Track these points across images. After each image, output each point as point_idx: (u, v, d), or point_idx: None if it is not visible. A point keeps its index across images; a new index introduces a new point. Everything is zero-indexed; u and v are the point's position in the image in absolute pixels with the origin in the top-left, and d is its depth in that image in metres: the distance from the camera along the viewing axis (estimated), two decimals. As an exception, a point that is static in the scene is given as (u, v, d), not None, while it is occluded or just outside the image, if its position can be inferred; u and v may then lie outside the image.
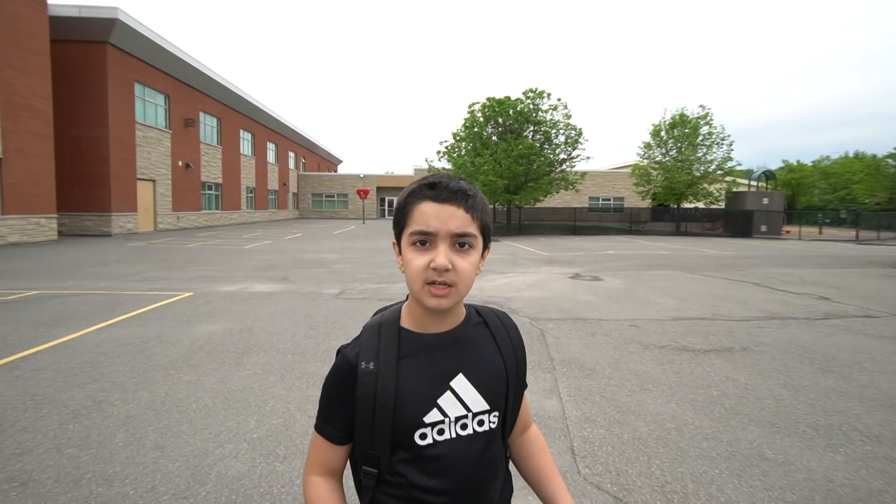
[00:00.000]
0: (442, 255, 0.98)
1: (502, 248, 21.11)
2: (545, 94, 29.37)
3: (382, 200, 59.64)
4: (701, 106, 33.56)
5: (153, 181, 26.87)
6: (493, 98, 29.71)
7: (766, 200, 33.65)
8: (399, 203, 1.06)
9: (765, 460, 3.36)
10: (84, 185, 22.45)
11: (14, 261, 13.31)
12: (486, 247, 1.08)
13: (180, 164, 29.48)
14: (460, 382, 1.07)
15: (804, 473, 3.20)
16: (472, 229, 1.02)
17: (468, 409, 1.07)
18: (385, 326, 1.10)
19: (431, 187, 1.02)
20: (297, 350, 5.71)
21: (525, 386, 1.21)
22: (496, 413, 1.10)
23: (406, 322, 1.10)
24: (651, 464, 3.30)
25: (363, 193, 45.66)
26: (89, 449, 3.36)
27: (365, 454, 1.06)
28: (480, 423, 1.08)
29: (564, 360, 5.53)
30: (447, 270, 0.98)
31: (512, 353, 1.15)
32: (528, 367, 5.29)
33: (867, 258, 18.27)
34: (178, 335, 6.24)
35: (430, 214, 1.00)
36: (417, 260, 1.00)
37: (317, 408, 1.12)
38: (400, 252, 1.06)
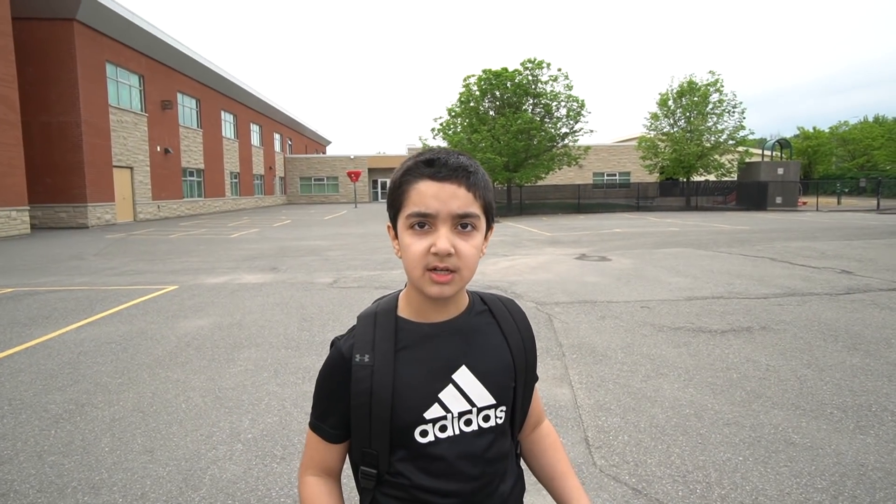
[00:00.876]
0: (443, 238, 0.94)
1: (503, 229, 21.07)
2: (545, 65, 29.13)
3: (375, 182, 59.44)
4: (711, 72, 33.38)
5: (130, 168, 26.70)
6: (490, 70, 29.45)
7: (780, 171, 33.57)
8: (393, 182, 1.01)
9: (791, 445, 3.35)
10: (56, 174, 22.29)
11: (-14, 257, 13.23)
12: (489, 227, 1.04)
13: (159, 149, 29.29)
14: (463, 375, 1.03)
15: (833, 458, 3.20)
16: (475, 209, 0.97)
17: (472, 404, 1.03)
18: (381, 316, 1.06)
19: (429, 164, 0.97)
20: (290, 344, 5.69)
21: (536, 378, 1.18)
22: (503, 408, 1.06)
23: (404, 311, 1.06)
24: (671, 452, 3.29)
25: (354, 176, 45.48)
26: (73, 455, 3.34)
27: (362, 453, 1.03)
28: (486, 418, 1.04)
29: (574, 345, 5.52)
30: (449, 255, 0.94)
31: (520, 343, 1.11)
32: (538, 352, 5.27)
33: (890, 228, 18.27)
34: (164, 331, 6.21)
35: (428, 194, 0.95)
36: (416, 244, 0.96)
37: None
38: (396, 236, 1.02)
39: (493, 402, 1.05)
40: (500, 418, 1.06)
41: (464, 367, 1.03)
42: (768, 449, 3.32)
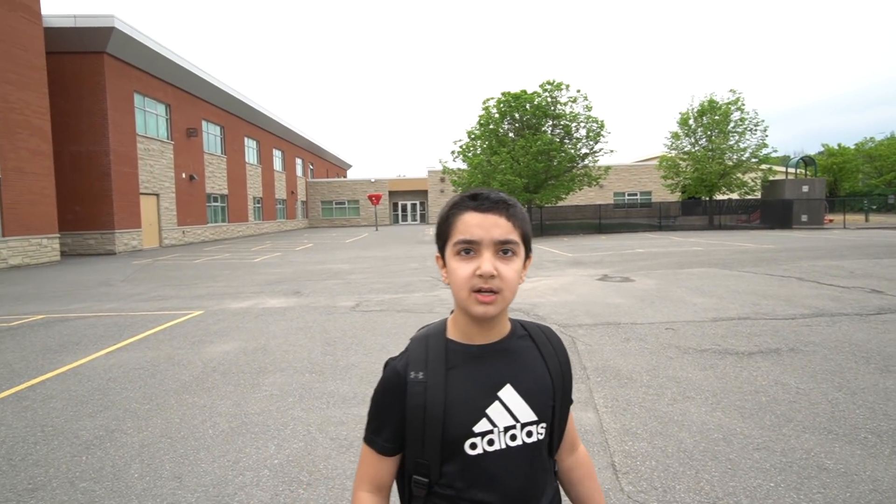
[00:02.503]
0: (487, 261, 1.06)
1: (524, 250, 21.00)
2: (563, 86, 29.26)
3: (395, 205, 59.87)
4: (731, 90, 33.18)
5: (157, 195, 27.25)
6: (509, 93, 29.67)
7: (805, 188, 33.15)
8: (441, 216, 1.14)
9: (824, 471, 3.29)
10: (85, 202, 22.84)
11: (17, 284, 13.57)
12: (527, 255, 1.14)
13: (184, 175, 29.88)
14: (508, 393, 1.12)
15: (869, 484, 3.12)
16: (515, 237, 1.09)
17: (516, 420, 1.12)
18: (432, 338, 1.17)
19: (473, 198, 1.10)
20: (314, 368, 5.72)
21: (571, 402, 1.25)
22: (543, 424, 1.15)
23: (452, 334, 1.16)
24: (699, 478, 3.24)
25: (375, 199, 45.88)
26: (104, 482, 3.39)
27: (416, 463, 1.12)
28: (529, 434, 1.13)
29: (598, 368, 5.48)
30: (493, 277, 1.05)
31: (558, 367, 1.20)
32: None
33: (920, 246, 17.88)
34: (190, 357, 6.30)
35: (473, 224, 1.07)
36: (463, 268, 1.07)
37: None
38: (444, 265, 1.14)
39: (535, 418, 1.13)
40: (542, 434, 1.15)
41: (508, 386, 1.13)
42: (801, 475, 3.25)
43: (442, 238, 1.13)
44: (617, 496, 3.09)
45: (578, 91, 29.53)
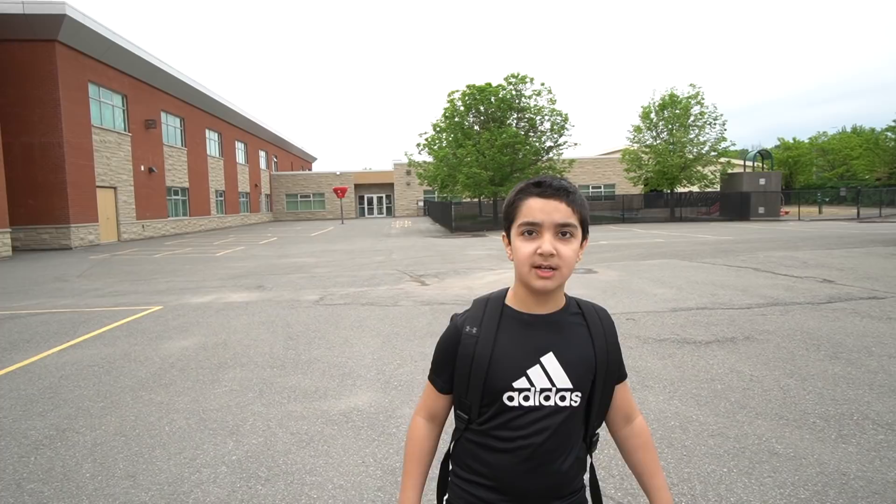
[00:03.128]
0: (547, 242, 1.19)
1: (489, 242, 21.13)
2: (528, 80, 29.46)
3: (361, 199, 59.46)
4: (691, 85, 33.96)
5: (114, 188, 26.52)
6: (474, 85, 29.72)
7: (762, 181, 34.04)
8: (508, 201, 1.29)
9: (774, 455, 3.38)
10: (39, 195, 22.09)
11: (-34, 281, 13.05)
12: (584, 237, 1.26)
13: (143, 168, 29.13)
14: (549, 360, 1.24)
15: (816, 467, 3.22)
16: (574, 220, 1.21)
17: (553, 384, 1.23)
18: (492, 302, 1.32)
19: (538, 185, 1.23)
20: (275, 363, 5.65)
21: (624, 376, 1.36)
22: (578, 393, 1.25)
23: (511, 301, 1.31)
24: (656, 466, 3.30)
25: (340, 192, 45.47)
26: (53, 482, 3.29)
27: (460, 402, 1.31)
28: (562, 398, 1.24)
29: (560, 359, 5.53)
30: (552, 255, 1.18)
31: (604, 345, 1.30)
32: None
33: (870, 237, 18.54)
34: (148, 353, 6.15)
35: (536, 208, 1.21)
36: (526, 247, 1.21)
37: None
38: (509, 243, 1.29)
39: (571, 386, 1.25)
40: (576, 402, 1.26)
41: (551, 354, 1.25)
42: (752, 459, 3.34)
43: (508, 219, 1.28)
44: (575, 484, 3.12)
45: (543, 84, 29.81)
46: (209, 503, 3.02)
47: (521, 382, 1.23)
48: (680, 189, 36.32)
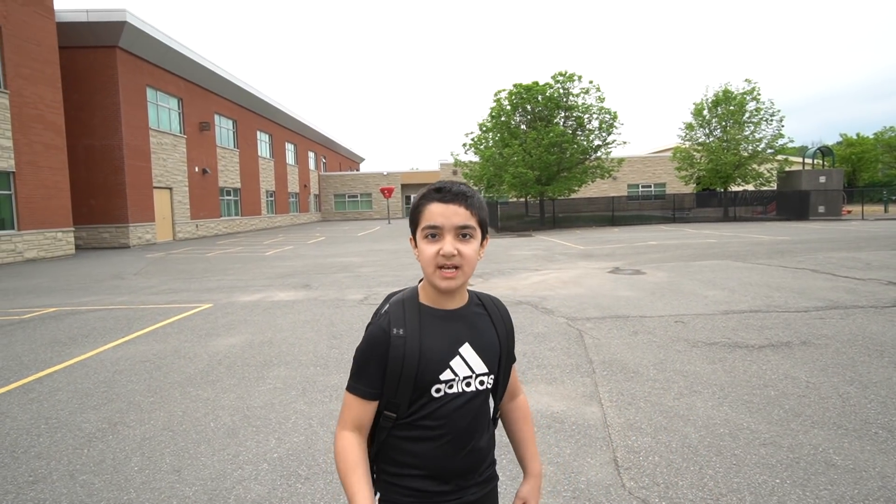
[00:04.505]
0: (448, 243, 1.29)
1: (536, 243, 20.94)
2: (576, 77, 29.00)
3: (408, 199, 59.81)
4: (747, 80, 32.81)
5: (170, 189, 27.43)
6: (521, 84, 29.47)
7: (823, 179, 32.63)
8: (413, 205, 1.39)
9: (832, 467, 3.21)
10: (100, 195, 23.06)
11: (31, 277, 13.72)
12: (484, 237, 1.38)
13: (197, 169, 30.05)
14: (466, 349, 1.37)
15: (878, 481, 3.04)
16: (472, 222, 1.32)
17: (472, 371, 1.37)
18: (408, 302, 1.39)
19: (438, 191, 1.33)
20: (319, 362, 5.72)
21: (514, 360, 1.52)
22: (492, 376, 1.41)
23: (424, 299, 1.40)
24: (703, 474, 3.18)
25: (387, 192, 45.87)
26: (104, 475, 3.40)
27: (388, 402, 1.35)
28: (481, 382, 1.39)
29: (605, 362, 5.42)
30: (454, 255, 1.29)
31: (505, 331, 1.46)
32: (566, 370, 5.21)
33: (939, 237, 17.54)
34: (197, 350, 6.32)
35: (437, 212, 1.31)
36: (429, 249, 1.31)
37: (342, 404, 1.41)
38: (416, 246, 1.37)
39: (486, 370, 1.40)
40: (490, 384, 1.42)
41: (467, 344, 1.38)
42: (807, 471, 3.18)
43: (414, 223, 1.37)
44: (618, 492, 3.04)
45: (591, 82, 29.29)
46: (250, 500, 3.06)
47: (446, 374, 1.34)
48: (734, 188, 35.20)
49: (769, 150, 32.77)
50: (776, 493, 2.95)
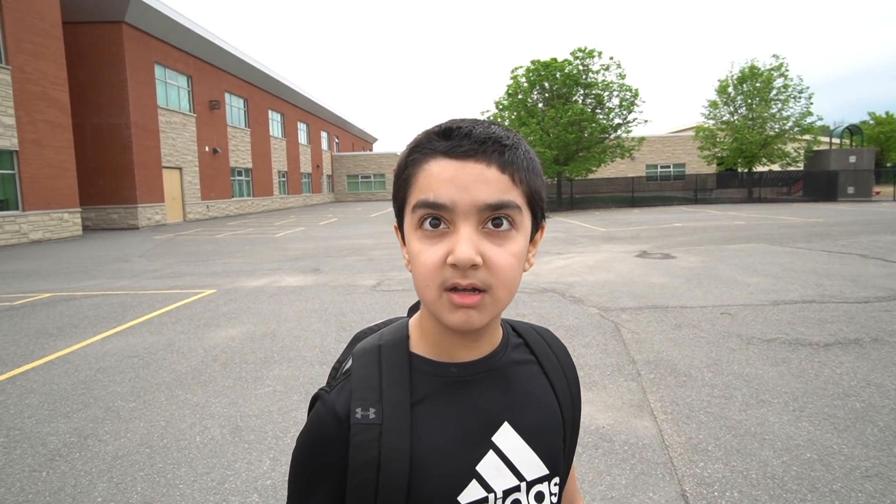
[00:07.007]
0: (464, 241, 0.63)
1: (555, 224, 20.19)
2: (596, 53, 27.95)
3: (421, 179, 59.04)
4: (774, 56, 31.46)
5: (180, 169, 26.89)
6: (538, 61, 28.47)
7: (853, 158, 31.42)
8: (399, 165, 0.71)
9: (963, 512, 2.55)
10: (107, 175, 22.52)
11: (32, 260, 13.23)
12: (537, 227, 0.72)
13: (207, 149, 29.46)
14: (506, 436, 0.73)
15: None
16: (514, 197, 0.65)
17: (520, 477, 0.73)
18: (388, 351, 0.75)
19: (445, 135, 0.66)
20: (325, 359, 5.10)
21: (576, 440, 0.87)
22: (556, 480, 0.77)
23: (418, 346, 0.75)
24: (800, 520, 2.53)
25: (401, 172, 45.15)
26: (59, 508, 2.81)
27: None
28: (539, 497, 0.74)
29: (650, 362, 4.75)
30: (475, 266, 0.63)
31: (566, 388, 0.81)
32: (606, 372, 4.55)
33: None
34: (192, 343, 5.73)
35: (442, 177, 0.64)
36: (427, 252, 0.65)
37: None
38: (404, 243, 0.71)
39: (547, 471, 0.76)
40: (556, 495, 0.77)
41: (506, 425, 0.74)
42: (934, 517, 2.52)
43: (399, 200, 0.71)
44: (695, 544, 2.39)
45: (611, 58, 28.23)
46: (232, 548, 2.45)
47: (471, 492, 0.70)
48: (758, 168, 34.06)
49: (796, 129, 31.58)
50: (902, 551, 2.30)
